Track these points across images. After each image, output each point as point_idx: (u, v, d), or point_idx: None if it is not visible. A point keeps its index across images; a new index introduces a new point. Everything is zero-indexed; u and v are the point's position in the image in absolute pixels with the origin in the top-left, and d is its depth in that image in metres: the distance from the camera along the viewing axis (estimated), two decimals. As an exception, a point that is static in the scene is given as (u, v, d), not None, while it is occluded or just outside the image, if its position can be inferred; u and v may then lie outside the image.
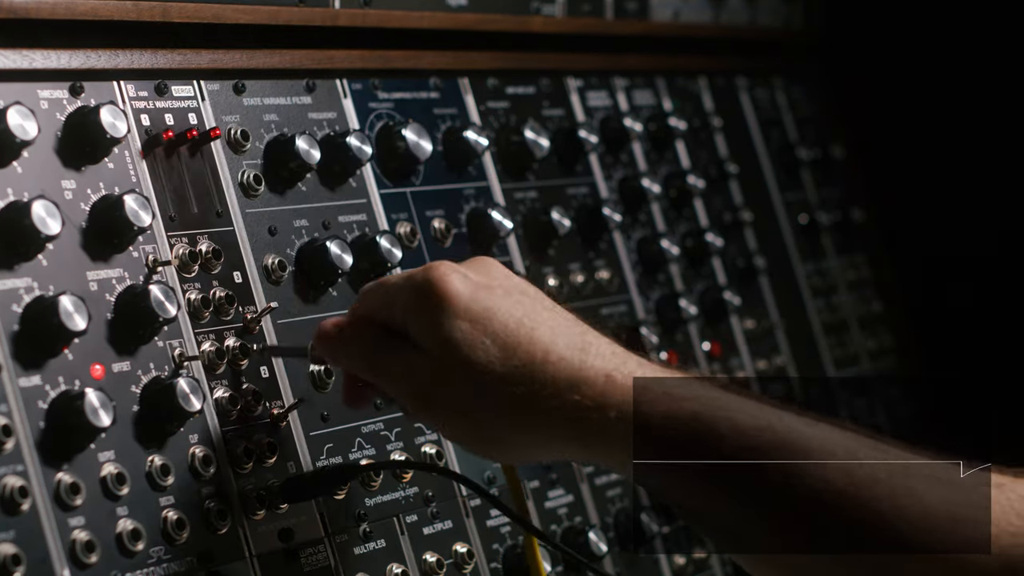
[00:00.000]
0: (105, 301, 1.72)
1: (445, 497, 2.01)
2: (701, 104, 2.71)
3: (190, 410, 1.71)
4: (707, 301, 2.55)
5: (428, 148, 2.09)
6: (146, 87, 1.85)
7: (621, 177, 2.46)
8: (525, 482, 2.12)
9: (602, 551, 2.13)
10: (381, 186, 2.08)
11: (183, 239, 1.82)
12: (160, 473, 1.71)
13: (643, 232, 2.47)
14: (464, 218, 2.18)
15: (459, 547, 1.99)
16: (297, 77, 2.02)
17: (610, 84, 2.51)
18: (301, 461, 1.86)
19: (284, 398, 1.87)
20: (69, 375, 1.66)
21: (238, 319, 1.84)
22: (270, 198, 1.94)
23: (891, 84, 2.99)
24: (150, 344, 1.75)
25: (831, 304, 2.88)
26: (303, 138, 1.94)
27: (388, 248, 1.99)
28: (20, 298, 1.65)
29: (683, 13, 2.66)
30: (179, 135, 1.85)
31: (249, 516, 1.78)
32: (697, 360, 2.51)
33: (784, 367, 2.70)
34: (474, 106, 2.25)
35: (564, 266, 2.31)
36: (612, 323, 2.35)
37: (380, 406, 1.96)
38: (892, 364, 2.98)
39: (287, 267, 1.91)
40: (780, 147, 2.86)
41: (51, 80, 1.76)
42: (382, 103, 2.12)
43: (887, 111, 3.01)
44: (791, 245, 2.83)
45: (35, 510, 1.60)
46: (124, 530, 1.66)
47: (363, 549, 1.89)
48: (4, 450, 1.59)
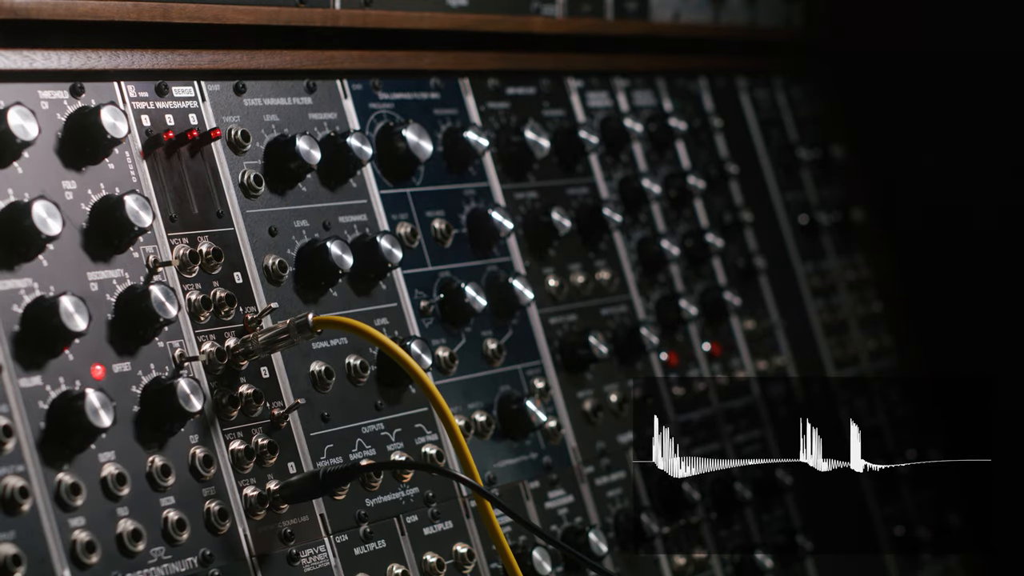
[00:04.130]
0: (106, 301, 1.72)
1: (445, 497, 2.01)
2: (701, 104, 2.71)
3: (190, 410, 1.71)
4: (707, 301, 2.55)
5: (428, 148, 2.10)
6: (147, 88, 1.85)
7: (621, 177, 2.46)
8: (525, 482, 2.12)
9: (602, 551, 2.13)
10: (381, 186, 2.08)
11: (183, 239, 1.82)
12: (160, 473, 1.71)
13: (643, 232, 2.47)
14: (464, 218, 2.18)
15: (459, 547, 1.99)
16: (297, 77, 2.02)
17: (610, 84, 2.51)
18: (301, 461, 1.86)
19: (284, 398, 1.87)
20: (70, 375, 1.66)
21: (238, 319, 1.84)
22: (270, 199, 1.94)
23: (891, 84, 2.99)
24: (150, 344, 1.75)
25: (831, 304, 2.88)
26: (303, 139, 1.94)
27: (388, 248, 1.99)
28: (21, 298, 1.65)
29: (683, 13, 2.67)
30: (180, 135, 1.85)
31: (249, 516, 1.78)
32: (697, 360, 2.51)
33: (784, 367, 2.70)
34: (474, 106, 2.26)
35: (564, 266, 2.31)
36: (612, 323, 2.35)
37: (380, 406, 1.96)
38: (892, 364, 2.98)
39: (287, 267, 1.92)
40: (780, 147, 2.87)
41: (52, 81, 1.76)
42: (382, 103, 2.12)
43: (887, 111, 3.01)
44: (791, 245, 2.83)
45: (35, 510, 1.60)
46: (124, 530, 1.66)
47: (363, 549, 1.89)
48: (5, 450, 1.59)
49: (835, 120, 3.01)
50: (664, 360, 2.43)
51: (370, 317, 2.00)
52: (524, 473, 2.13)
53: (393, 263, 1.99)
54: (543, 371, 2.21)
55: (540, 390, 2.19)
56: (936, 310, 3.00)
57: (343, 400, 1.93)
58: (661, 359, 2.42)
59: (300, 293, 1.93)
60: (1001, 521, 2.92)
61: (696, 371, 2.49)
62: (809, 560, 2.56)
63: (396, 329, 2.02)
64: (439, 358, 2.06)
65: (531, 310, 2.22)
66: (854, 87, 3.02)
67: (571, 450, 2.21)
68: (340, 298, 1.96)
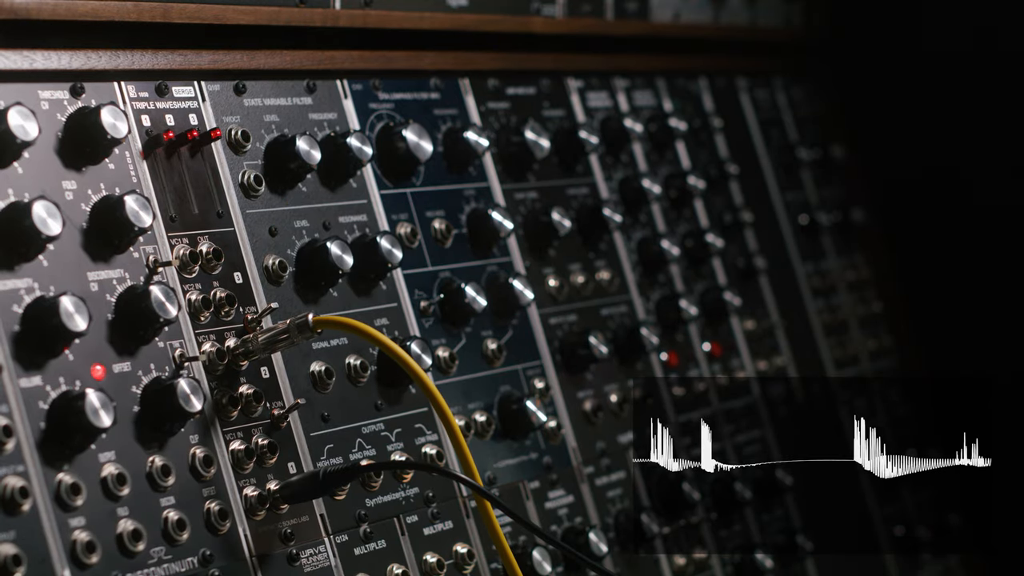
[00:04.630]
0: (106, 301, 1.72)
1: (445, 497, 2.01)
2: (701, 104, 2.71)
3: (190, 410, 1.71)
4: (707, 301, 2.55)
5: (428, 149, 2.10)
6: (147, 88, 1.85)
7: (621, 178, 2.46)
8: (525, 482, 2.12)
9: (602, 551, 2.13)
10: (381, 187, 2.08)
11: (184, 240, 1.82)
12: (161, 473, 1.71)
13: (643, 233, 2.47)
14: (464, 218, 2.18)
15: (459, 547, 1.99)
16: (298, 78, 2.02)
17: (610, 85, 2.51)
18: (301, 461, 1.86)
19: (284, 398, 1.87)
20: (70, 375, 1.66)
21: (238, 320, 1.84)
22: (270, 199, 1.94)
23: (891, 84, 2.99)
24: (151, 344, 1.75)
25: (831, 304, 2.88)
26: (304, 139, 1.94)
27: (388, 249, 1.99)
28: (21, 299, 1.65)
29: (683, 13, 2.67)
30: (180, 136, 1.85)
31: (250, 517, 1.78)
32: (697, 360, 2.51)
33: (784, 367, 2.70)
34: (474, 107, 2.26)
35: (564, 267, 2.31)
36: (612, 323, 2.35)
37: (380, 406, 1.96)
38: (892, 364, 2.98)
39: (287, 268, 1.92)
40: (780, 147, 2.87)
41: (52, 81, 1.76)
42: (382, 104, 2.12)
43: (887, 111, 3.01)
44: (791, 245, 2.83)
45: (36, 510, 1.60)
46: (125, 530, 1.66)
47: (363, 549, 1.89)
48: (5, 450, 1.59)
49: (835, 120, 3.01)
50: (664, 360, 2.43)
51: (370, 317, 2.00)
52: (524, 473, 2.13)
53: (393, 263, 1.99)
54: (543, 371, 2.21)
55: (540, 390, 2.19)
56: (936, 310, 3.00)
57: (343, 400, 1.93)
58: (661, 359, 2.42)
59: (300, 293, 1.93)
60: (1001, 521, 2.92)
61: (696, 371, 2.49)
62: (809, 560, 2.56)
63: (396, 329, 2.02)
64: (439, 358, 2.06)
65: (531, 310, 2.22)
66: (854, 87, 3.02)
67: (571, 450, 2.21)
68: (340, 298, 1.97)
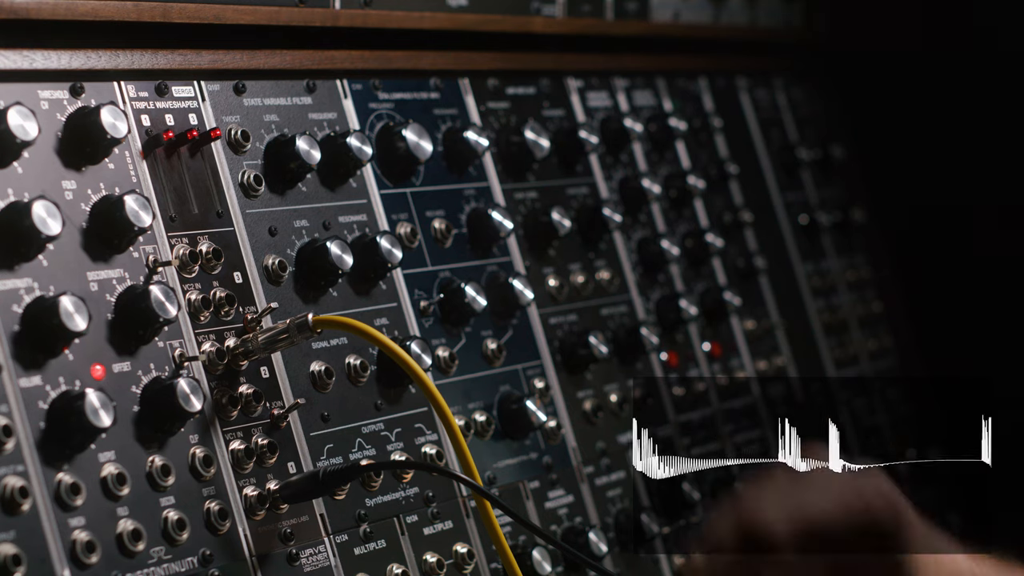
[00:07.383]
0: (105, 301, 1.72)
1: (445, 497, 2.01)
2: (701, 104, 2.71)
3: (190, 410, 1.71)
4: (707, 301, 2.55)
5: (428, 148, 2.09)
6: (146, 87, 1.85)
7: (621, 177, 2.46)
8: (525, 482, 2.12)
9: (602, 551, 2.13)
10: (381, 186, 2.08)
11: (183, 239, 1.82)
12: (160, 473, 1.71)
13: (643, 232, 2.47)
14: (464, 218, 2.18)
15: (459, 547, 1.99)
16: (297, 77, 2.02)
17: (610, 84, 2.51)
18: (301, 461, 1.86)
19: (284, 398, 1.87)
20: (69, 375, 1.66)
21: (238, 319, 1.84)
22: (270, 198, 1.94)
23: (891, 84, 2.99)
24: (150, 344, 1.75)
25: (831, 304, 2.88)
26: (303, 138, 1.94)
27: (388, 248, 1.99)
28: (20, 298, 1.65)
29: (683, 13, 2.67)
30: (179, 135, 1.85)
31: (249, 516, 1.78)
32: (697, 360, 2.51)
33: (784, 367, 2.70)
34: (474, 106, 2.26)
35: (564, 266, 2.31)
36: (612, 323, 2.35)
37: (380, 406, 1.97)
38: (892, 364, 2.98)
39: (287, 267, 1.92)
40: (780, 147, 2.86)
41: (52, 80, 1.76)
42: (382, 103, 2.12)
43: (887, 111, 3.01)
44: (791, 245, 2.83)
45: (35, 510, 1.60)
46: (124, 530, 1.66)
47: (363, 549, 1.89)
48: (4, 450, 1.59)
49: (835, 120, 3.01)
50: (664, 360, 2.43)
51: (370, 317, 2.00)
52: (524, 473, 2.13)
53: (393, 263, 1.99)
54: (543, 371, 2.21)
55: (540, 390, 2.19)
56: (936, 310, 3.00)
57: (343, 400, 1.93)
58: (661, 359, 2.42)
59: (300, 293, 1.93)
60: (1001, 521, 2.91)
61: (696, 371, 2.49)
62: (809, 560, 2.56)
63: (396, 329, 2.02)
64: (439, 358, 2.05)
65: (531, 310, 2.22)
66: (854, 87, 3.02)
67: (571, 450, 2.21)
68: (340, 298, 1.96)
